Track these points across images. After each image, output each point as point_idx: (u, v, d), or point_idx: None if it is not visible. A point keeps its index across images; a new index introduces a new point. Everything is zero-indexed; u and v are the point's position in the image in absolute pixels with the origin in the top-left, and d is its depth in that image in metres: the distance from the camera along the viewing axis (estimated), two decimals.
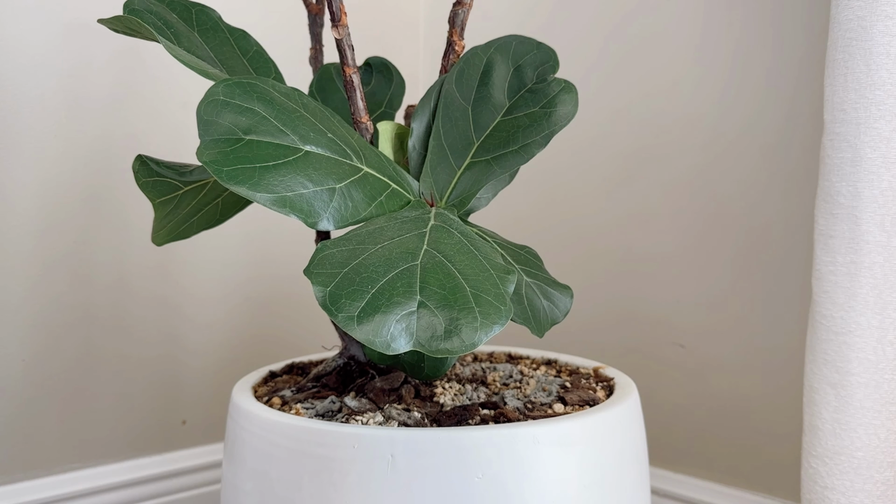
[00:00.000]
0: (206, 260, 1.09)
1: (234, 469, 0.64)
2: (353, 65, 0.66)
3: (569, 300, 0.64)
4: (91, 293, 1.00)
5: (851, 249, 0.75)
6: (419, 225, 0.58)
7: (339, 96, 0.77)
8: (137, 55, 1.02)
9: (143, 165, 0.72)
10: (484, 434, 0.57)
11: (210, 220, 0.71)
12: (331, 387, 0.70)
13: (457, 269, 0.54)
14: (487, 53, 0.67)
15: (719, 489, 1.01)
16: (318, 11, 0.78)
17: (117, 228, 1.02)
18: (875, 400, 0.75)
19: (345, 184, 0.58)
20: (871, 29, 0.73)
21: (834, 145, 0.76)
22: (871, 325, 0.75)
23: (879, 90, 0.73)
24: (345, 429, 0.58)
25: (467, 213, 0.68)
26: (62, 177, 0.98)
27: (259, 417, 0.62)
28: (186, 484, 1.08)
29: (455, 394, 0.68)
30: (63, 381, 0.99)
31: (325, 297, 0.51)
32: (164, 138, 1.04)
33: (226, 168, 0.54)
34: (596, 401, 0.66)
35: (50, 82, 0.96)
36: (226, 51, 0.69)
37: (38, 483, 0.98)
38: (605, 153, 1.10)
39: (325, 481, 0.57)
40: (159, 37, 0.61)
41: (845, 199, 0.75)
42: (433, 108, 0.68)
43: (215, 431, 1.11)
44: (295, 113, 0.59)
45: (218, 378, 1.11)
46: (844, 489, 0.76)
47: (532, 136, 0.64)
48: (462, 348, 0.49)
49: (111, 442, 1.03)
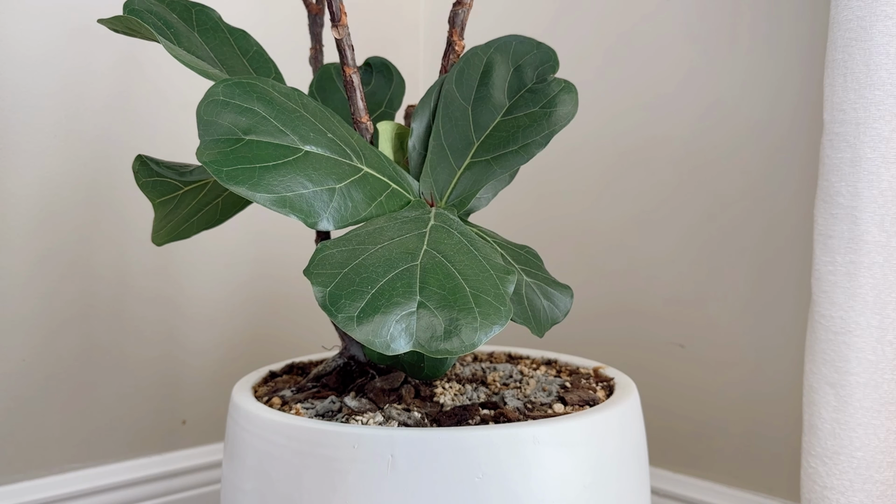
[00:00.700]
0: (206, 260, 1.09)
1: (234, 469, 0.64)
2: (353, 65, 0.66)
3: (569, 300, 0.64)
4: (91, 293, 1.00)
5: (851, 249, 0.75)
6: (419, 225, 0.58)
7: (339, 96, 0.77)
8: (138, 55, 1.02)
9: (143, 165, 0.72)
10: (484, 434, 0.57)
11: (210, 220, 0.71)
12: (331, 387, 0.70)
13: (456, 270, 0.54)
14: (487, 53, 0.67)
15: (719, 489, 1.01)
16: (318, 11, 0.78)
17: (117, 228, 1.02)
18: (874, 400, 0.75)
19: (345, 184, 0.58)
20: (871, 29, 0.73)
21: (833, 145, 0.76)
22: (870, 325, 0.75)
23: (879, 90, 0.73)
24: (345, 429, 0.58)
25: (467, 213, 0.68)
26: (62, 177, 0.98)
27: (259, 417, 0.62)
28: (186, 484, 1.08)
29: (455, 394, 0.68)
30: (63, 381, 0.99)
31: (325, 297, 0.51)
32: (164, 138, 1.04)
33: (226, 168, 0.54)
34: (596, 401, 0.66)
35: (50, 82, 0.96)
36: (226, 51, 0.69)
37: (38, 483, 0.98)
38: (606, 153, 1.10)
39: (325, 481, 0.57)
40: (159, 37, 0.61)
41: (845, 199, 0.75)
42: (433, 108, 0.68)
43: (215, 431, 1.11)
44: (295, 113, 0.59)
45: (218, 378, 1.11)
46: (844, 489, 0.76)
47: (532, 136, 0.64)
48: (462, 349, 0.49)
49: (111, 442, 1.03)
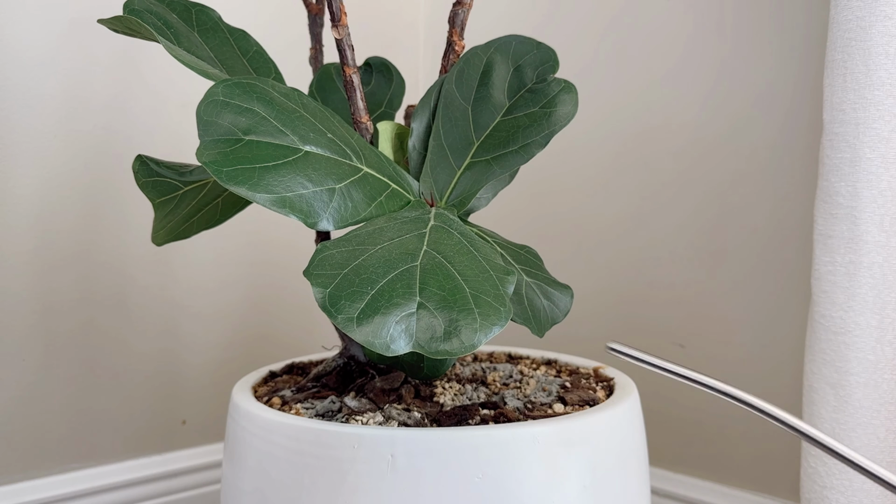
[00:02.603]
0: (206, 260, 1.09)
1: (234, 469, 0.64)
2: (353, 65, 0.66)
3: (569, 300, 0.64)
4: (91, 293, 1.00)
5: (850, 249, 0.75)
6: (419, 225, 0.58)
7: (339, 96, 0.77)
8: (137, 55, 1.02)
9: (143, 165, 0.72)
10: (484, 434, 0.57)
11: (210, 220, 0.71)
12: (331, 387, 0.70)
13: (456, 270, 0.54)
14: (487, 53, 0.67)
15: (719, 489, 1.01)
16: (318, 11, 0.78)
17: (117, 228, 1.02)
18: (874, 400, 0.75)
19: (344, 184, 0.58)
20: (870, 29, 0.73)
21: (833, 145, 0.76)
22: (869, 325, 0.75)
23: (878, 90, 0.73)
24: (345, 429, 0.58)
25: (467, 213, 0.68)
26: (62, 177, 0.98)
27: (259, 417, 0.62)
28: (186, 484, 1.08)
29: (455, 394, 0.68)
30: (63, 381, 0.99)
31: (325, 298, 0.51)
32: (164, 138, 1.04)
33: (225, 168, 0.54)
34: (596, 401, 0.66)
35: (50, 82, 0.96)
36: (226, 51, 0.69)
37: (37, 483, 0.98)
38: (606, 153, 1.10)
39: (324, 481, 0.57)
40: (159, 37, 0.61)
41: (844, 199, 0.75)
42: (433, 108, 0.68)
43: (215, 431, 1.11)
44: (295, 113, 0.59)
45: (218, 378, 1.11)
46: (844, 489, 0.76)
47: (532, 136, 0.64)
48: (461, 349, 0.49)
49: (111, 442, 1.04)
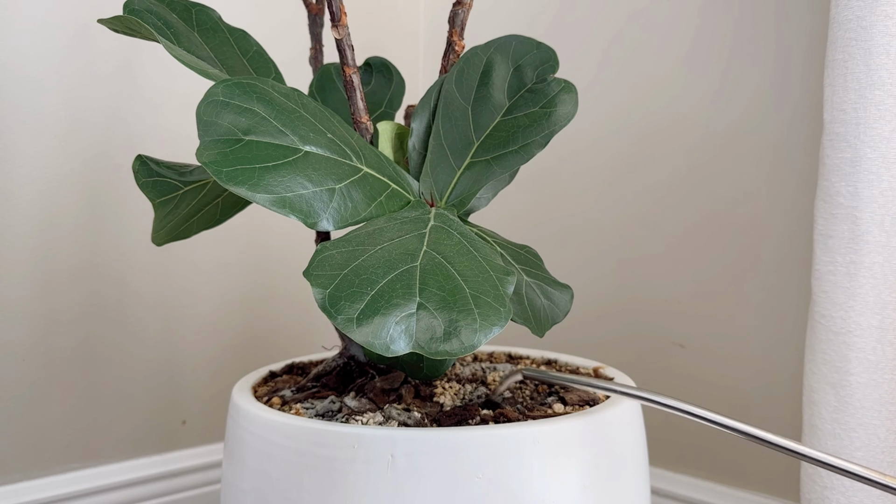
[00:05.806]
0: (206, 260, 1.09)
1: (234, 469, 0.64)
2: (353, 65, 0.66)
3: (569, 299, 0.64)
4: (91, 293, 1.00)
5: (851, 249, 0.75)
6: (419, 226, 0.58)
7: (339, 96, 0.77)
8: (137, 55, 1.02)
9: (143, 165, 0.72)
10: (484, 434, 0.57)
11: (210, 220, 0.71)
12: (331, 387, 0.70)
13: (456, 271, 0.54)
14: (487, 53, 0.67)
15: (719, 489, 1.01)
16: (318, 11, 0.78)
17: (117, 228, 1.02)
18: (874, 400, 0.75)
19: (344, 184, 0.58)
20: (871, 29, 0.73)
21: (833, 145, 0.76)
22: (870, 325, 0.75)
23: (879, 90, 0.73)
24: (345, 429, 0.58)
25: (467, 213, 0.68)
26: (62, 177, 0.98)
27: (259, 417, 0.62)
28: (186, 484, 1.08)
29: (455, 394, 0.68)
30: (63, 381, 0.99)
31: (325, 298, 0.51)
32: (164, 138, 1.04)
33: (225, 169, 0.54)
34: (596, 401, 0.66)
35: (50, 83, 0.96)
36: (226, 51, 0.69)
37: (37, 483, 0.98)
38: (605, 153, 1.10)
39: (324, 481, 0.57)
40: (159, 37, 0.61)
41: (845, 199, 0.75)
42: (433, 108, 0.68)
43: (215, 431, 1.11)
44: (295, 113, 0.59)
45: (218, 378, 1.11)
46: (844, 489, 0.76)
47: (532, 136, 0.64)
48: (461, 350, 0.49)
49: (111, 442, 1.04)
